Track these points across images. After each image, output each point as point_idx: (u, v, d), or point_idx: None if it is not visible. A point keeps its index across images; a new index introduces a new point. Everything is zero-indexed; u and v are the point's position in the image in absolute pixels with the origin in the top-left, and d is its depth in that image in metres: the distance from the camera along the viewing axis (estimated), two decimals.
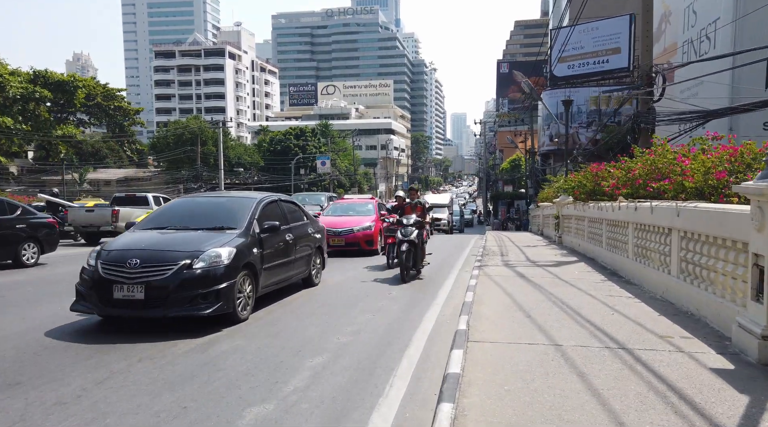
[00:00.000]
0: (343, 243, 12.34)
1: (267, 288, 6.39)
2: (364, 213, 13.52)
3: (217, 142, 59.63)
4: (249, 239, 5.95)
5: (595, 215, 10.04)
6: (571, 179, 12.66)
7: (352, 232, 12.41)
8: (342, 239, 12.35)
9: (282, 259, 6.70)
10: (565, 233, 14.36)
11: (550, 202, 19.12)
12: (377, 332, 5.25)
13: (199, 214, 6.52)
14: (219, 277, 5.28)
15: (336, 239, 12.35)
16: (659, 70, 11.09)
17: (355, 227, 12.51)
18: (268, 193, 7.63)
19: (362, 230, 12.50)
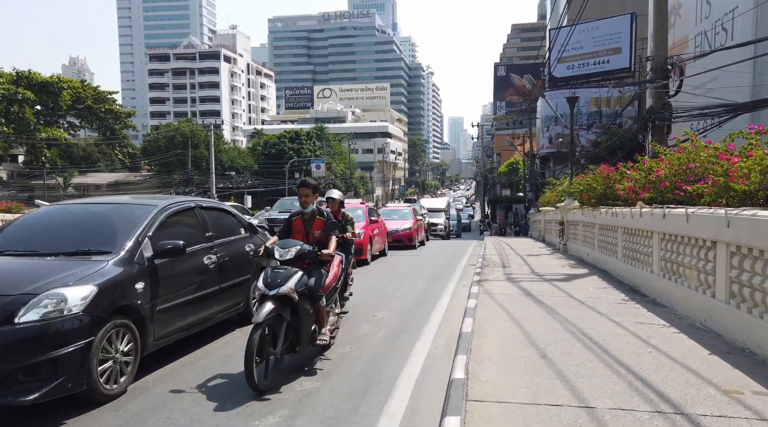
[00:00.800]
0: None
1: (170, 337, 4.44)
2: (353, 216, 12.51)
3: (209, 146, 58.67)
4: (131, 267, 4.04)
5: (607, 222, 8.96)
6: (578, 182, 11.60)
7: None
8: None
9: (197, 292, 4.73)
10: (570, 241, 13.29)
11: (552, 207, 18.05)
12: (351, 375, 4.14)
13: (63, 230, 4.56)
14: (60, 336, 3.35)
15: None
16: (676, 61, 10.07)
17: None
18: (183, 197, 5.61)
19: None
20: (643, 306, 5.90)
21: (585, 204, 11.43)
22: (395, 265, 12.00)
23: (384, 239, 13.67)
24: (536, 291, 6.97)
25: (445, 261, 12.71)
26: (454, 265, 11.80)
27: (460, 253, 15.19)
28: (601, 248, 9.61)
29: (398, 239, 15.50)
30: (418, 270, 10.90)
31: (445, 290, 8.23)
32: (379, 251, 13.28)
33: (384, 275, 10.15)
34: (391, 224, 15.81)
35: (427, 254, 14.58)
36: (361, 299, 7.43)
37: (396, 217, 16.65)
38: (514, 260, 11.26)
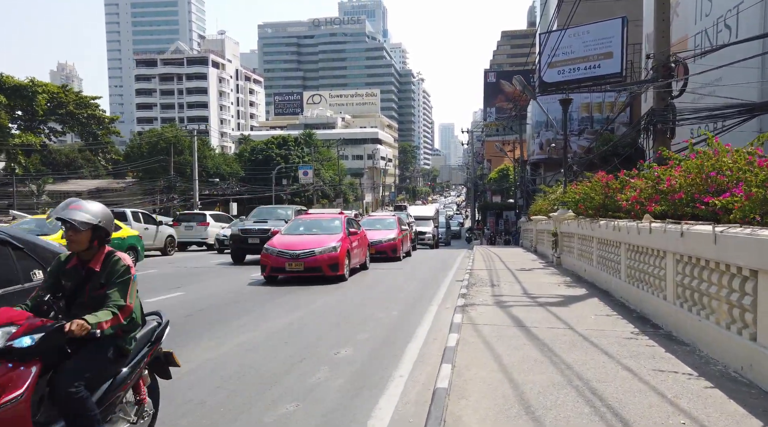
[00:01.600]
0: (302, 268, 10.25)
1: None
2: (329, 231, 11.42)
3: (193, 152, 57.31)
4: None
5: (608, 237, 7.98)
6: (574, 191, 10.65)
7: (313, 254, 10.27)
8: (301, 262, 10.25)
9: None
10: (565, 253, 12.32)
11: (544, 216, 17.11)
12: None
13: None
14: None
15: (294, 263, 10.24)
16: (680, 58, 9.18)
17: (317, 248, 10.38)
18: None
19: (325, 252, 10.36)
20: (658, 343, 4.89)
21: (581, 215, 10.46)
22: (375, 281, 10.95)
23: (365, 251, 12.65)
24: (529, 320, 5.94)
25: (429, 276, 11.67)
26: (438, 281, 10.77)
27: (446, 265, 14.17)
28: (601, 264, 8.63)
29: (381, 250, 14.53)
30: (398, 288, 9.85)
31: (425, 316, 7.18)
32: (359, 265, 12.25)
33: (360, 295, 9.08)
34: (374, 234, 14.83)
35: (411, 267, 13.55)
36: (327, 329, 6.36)
37: (380, 227, 15.69)
38: (504, 276, 10.25)
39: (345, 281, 10.60)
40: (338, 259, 10.39)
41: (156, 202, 51.00)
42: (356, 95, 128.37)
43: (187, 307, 7.99)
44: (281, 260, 10.26)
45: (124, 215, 17.34)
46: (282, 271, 10.33)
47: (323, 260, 10.26)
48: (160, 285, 10.51)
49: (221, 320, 7.01)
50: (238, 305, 8.08)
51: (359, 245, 12.02)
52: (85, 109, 59.92)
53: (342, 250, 10.59)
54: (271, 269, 10.36)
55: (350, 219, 12.42)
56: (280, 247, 10.51)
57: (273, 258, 10.34)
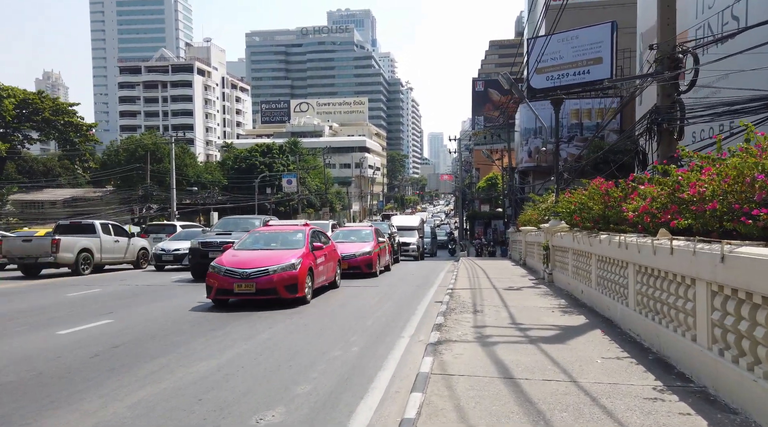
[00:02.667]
0: (253, 290, 8.79)
1: None
2: (290, 245, 10.01)
3: (174, 159, 55.57)
4: None
5: (612, 254, 6.69)
6: (568, 200, 9.38)
7: (266, 274, 8.85)
8: (252, 283, 8.79)
9: None
10: (558, 270, 11.04)
11: (534, 227, 15.86)
12: None
13: None
14: None
15: (244, 284, 8.80)
16: (689, 48, 7.99)
17: (272, 266, 8.95)
18: None
19: (282, 270, 8.94)
20: (694, 408, 3.56)
21: (576, 227, 9.18)
22: (342, 303, 9.54)
23: (334, 268, 11.26)
24: (518, 368, 4.58)
25: (406, 296, 10.29)
26: (415, 303, 9.40)
27: (427, 282, 12.81)
28: (602, 286, 7.33)
29: (355, 265, 13.19)
30: (367, 312, 8.46)
31: (391, 353, 5.81)
32: (328, 283, 10.86)
33: (320, 322, 7.68)
34: (348, 247, 13.46)
35: (388, 285, 12.16)
36: (262, 376, 4.96)
37: (354, 239, 14.32)
38: (488, 298, 8.90)
39: (306, 303, 9.19)
40: (297, 278, 8.93)
41: (134, 211, 49.20)
42: (344, 103, 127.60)
43: (102, 341, 6.55)
44: (229, 281, 8.77)
45: (93, 227, 16.42)
46: (230, 293, 8.82)
47: (279, 279, 8.78)
48: (93, 309, 9.04)
49: (132, 362, 5.58)
50: (166, 339, 6.64)
51: (327, 260, 10.63)
52: (62, 116, 58.15)
53: (302, 268, 9.15)
54: (218, 291, 8.83)
55: (316, 231, 10.90)
56: (229, 264, 8.99)
57: (220, 278, 8.83)
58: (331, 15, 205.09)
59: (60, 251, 14.74)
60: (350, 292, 10.89)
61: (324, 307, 9.01)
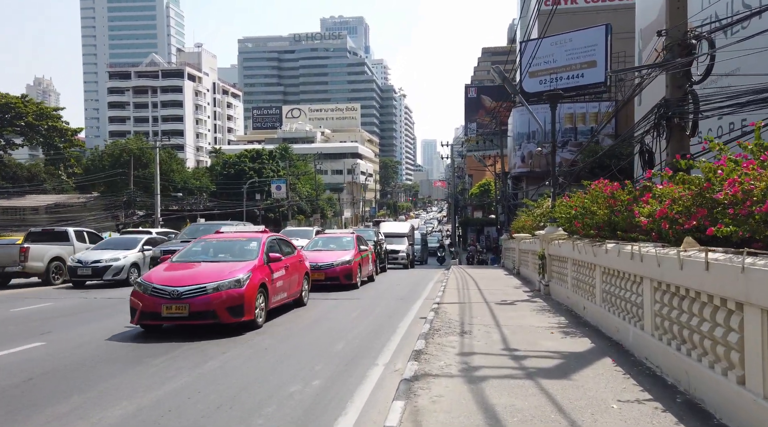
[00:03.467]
0: (186, 313, 6.99)
1: None
2: (240, 256, 8.26)
3: (161, 164, 54.34)
4: None
5: (621, 267, 5.71)
6: (567, 204, 8.42)
7: (203, 292, 7.07)
8: (185, 305, 6.99)
9: None
10: (555, 281, 10.05)
11: (528, 234, 14.90)
12: None
13: None
14: None
15: (174, 305, 7.03)
16: (702, 33, 7.09)
17: (210, 283, 7.21)
18: None
19: (223, 288, 7.17)
20: None
21: (576, 234, 8.22)
22: (307, 325, 8.14)
23: (300, 282, 9.54)
24: (514, 418, 3.56)
25: (387, 311, 9.24)
26: (397, 319, 8.36)
27: (413, 294, 11.78)
28: (609, 303, 6.35)
29: (332, 276, 12.01)
30: (339, 334, 7.35)
31: (359, 388, 4.78)
32: (292, 299, 9.25)
33: (281, 346, 6.62)
34: (326, 256, 12.37)
35: (369, 298, 11.10)
36: (191, 423, 3.90)
37: (334, 247, 13.24)
38: (479, 315, 7.88)
39: (257, 328, 7.52)
40: (243, 298, 7.19)
41: (119, 218, 47.87)
42: (336, 110, 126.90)
43: (19, 370, 5.48)
44: (156, 302, 7.03)
45: (66, 234, 15.52)
46: (157, 317, 7.09)
47: (219, 300, 7.03)
48: (30, 328, 7.94)
49: (41, 401, 4.51)
50: (94, 370, 5.56)
51: (289, 273, 8.96)
52: (46, 121, 56.90)
53: (251, 284, 7.43)
54: (142, 314, 7.12)
55: (275, 240, 9.21)
56: (159, 281, 7.28)
57: (145, 299, 7.11)
58: (324, 22, 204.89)
59: (29, 260, 13.82)
60: (325, 307, 9.83)
61: (287, 329, 7.80)
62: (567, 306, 8.59)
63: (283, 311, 9.08)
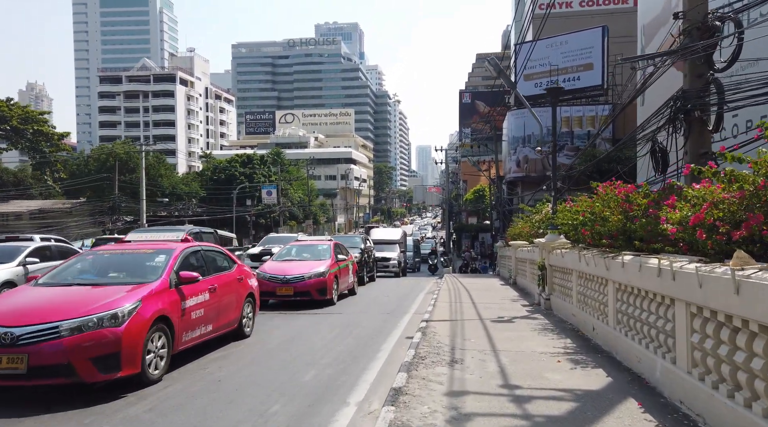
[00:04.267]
0: (22, 369, 4.62)
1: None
2: (138, 276, 5.91)
3: (149, 169, 53.20)
4: None
5: (644, 284, 4.72)
6: (572, 210, 7.45)
7: (53, 335, 4.74)
8: (22, 355, 4.64)
9: None
10: (557, 295, 9.06)
11: (525, 242, 13.94)
12: None
13: None
14: None
15: (7, 357, 4.65)
16: (727, 14, 6.18)
17: (65, 321, 4.83)
18: None
19: (86, 327, 4.85)
20: None
21: (583, 243, 7.24)
22: (261, 353, 6.61)
23: (239, 304, 7.30)
24: None
25: (369, 331, 8.18)
26: (380, 341, 7.32)
27: (400, 308, 10.73)
28: (626, 326, 5.35)
29: (302, 290, 10.51)
30: (304, 366, 5.98)
31: None
32: (226, 332, 6.99)
33: (238, 376, 5.57)
34: (296, 267, 11.05)
35: (349, 314, 10.01)
36: None
37: (308, 256, 11.84)
38: (472, 337, 6.86)
39: (150, 383, 5.21)
40: (120, 342, 4.88)
41: (106, 224, 46.59)
42: (330, 115, 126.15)
43: None
44: None
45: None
46: None
47: (78, 347, 4.73)
48: None
49: None
50: None
51: (216, 299, 6.58)
52: (32, 125, 55.65)
53: (137, 321, 5.10)
54: None
55: (198, 252, 6.81)
56: None
57: None
58: (319, 28, 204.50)
59: None
60: (287, 329, 8.71)
61: (226, 366, 5.98)
62: (572, 325, 7.59)
63: (219, 345, 6.91)
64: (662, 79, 9.11)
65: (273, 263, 11.78)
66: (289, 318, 9.35)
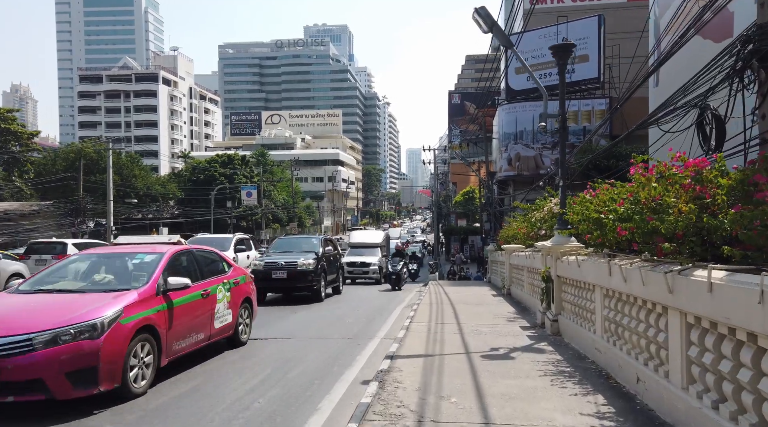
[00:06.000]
0: None
1: None
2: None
3: (122, 169, 50.51)
4: None
5: (763, 326, 2.47)
6: (593, 201, 5.22)
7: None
8: None
9: None
10: (569, 317, 6.81)
11: (521, 246, 11.73)
12: None
13: None
14: None
15: None
16: None
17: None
18: None
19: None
20: None
21: (611, 248, 5.01)
22: None
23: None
24: None
25: (308, 375, 5.71)
26: (317, 397, 4.98)
27: (366, 331, 8.37)
28: (712, 391, 3.12)
29: None
30: None
31: None
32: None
33: None
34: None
35: (298, 340, 7.66)
36: None
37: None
38: (453, 393, 4.56)
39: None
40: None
41: (70, 226, 43.80)
42: (317, 116, 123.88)
43: None
44: None
45: None
46: None
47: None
48: None
49: None
50: None
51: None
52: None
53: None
54: None
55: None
56: None
57: None
58: (308, 30, 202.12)
59: None
60: (211, 368, 6.40)
61: None
62: (597, 365, 5.33)
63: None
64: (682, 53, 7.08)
65: None
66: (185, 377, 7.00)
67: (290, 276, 11.72)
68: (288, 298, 12.32)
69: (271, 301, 12.08)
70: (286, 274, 11.73)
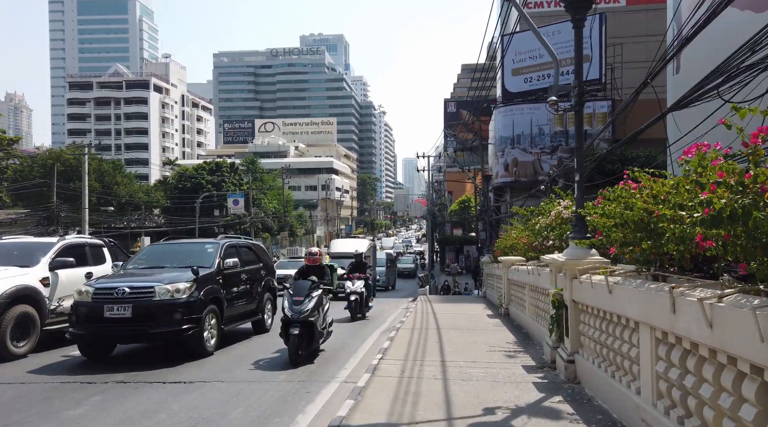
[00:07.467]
0: None
1: None
2: None
3: (103, 176, 48.62)
4: None
5: None
6: (642, 194, 3.42)
7: None
8: None
9: None
10: (592, 358, 4.95)
11: (521, 258, 9.88)
12: None
13: None
14: None
15: None
16: None
17: None
18: None
19: None
20: None
21: (663, 266, 3.15)
22: None
23: None
24: None
25: None
26: None
27: (324, 370, 6.48)
28: None
29: None
30: None
31: None
32: None
33: None
34: None
35: (222, 390, 5.80)
36: None
37: None
38: None
39: None
40: None
41: (47, 234, 41.70)
42: (311, 124, 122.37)
43: None
44: None
45: None
46: None
47: None
48: None
49: None
50: None
51: None
52: None
53: None
54: None
55: None
56: None
57: None
58: (304, 39, 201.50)
59: None
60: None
61: None
62: None
63: None
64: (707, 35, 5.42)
65: None
66: None
67: (139, 314, 6.63)
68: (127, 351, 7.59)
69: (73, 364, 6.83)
70: (130, 311, 6.60)
